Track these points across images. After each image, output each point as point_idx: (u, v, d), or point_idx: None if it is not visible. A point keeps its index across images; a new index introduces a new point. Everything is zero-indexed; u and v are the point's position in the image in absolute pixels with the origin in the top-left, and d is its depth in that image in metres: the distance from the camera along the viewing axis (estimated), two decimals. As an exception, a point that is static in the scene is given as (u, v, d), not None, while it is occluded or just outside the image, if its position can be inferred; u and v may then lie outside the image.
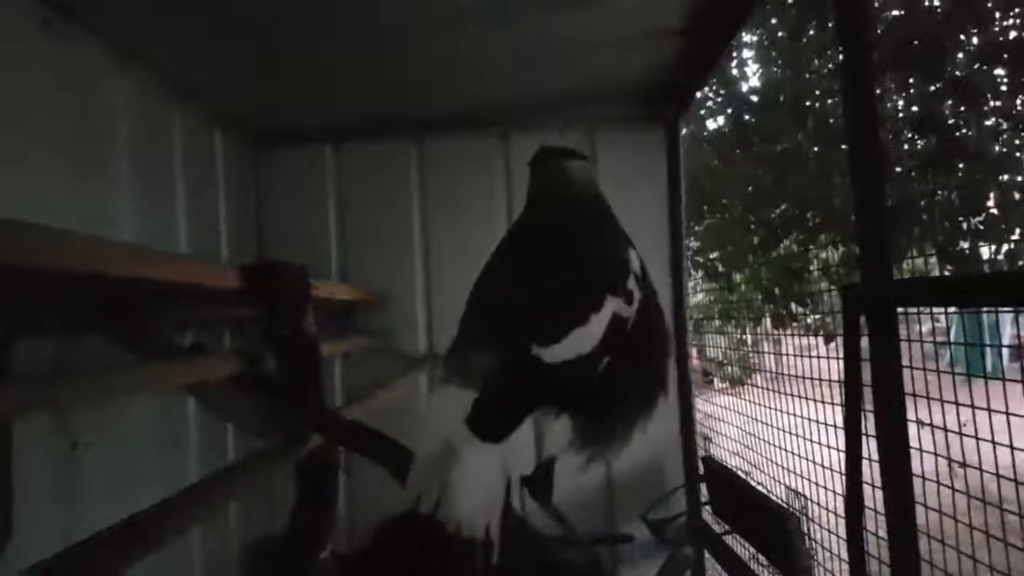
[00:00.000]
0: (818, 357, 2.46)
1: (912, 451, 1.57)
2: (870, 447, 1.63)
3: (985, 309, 1.79)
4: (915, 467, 1.60)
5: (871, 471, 1.65)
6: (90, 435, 2.00)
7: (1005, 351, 2.20)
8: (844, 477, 1.66)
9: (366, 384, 2.54)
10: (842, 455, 2.27)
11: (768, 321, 5.95)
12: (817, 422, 2.46)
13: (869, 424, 1.64)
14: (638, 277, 1.24)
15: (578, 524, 2.85)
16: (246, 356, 1.63)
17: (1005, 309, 1.75)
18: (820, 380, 2.38)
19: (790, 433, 2.63)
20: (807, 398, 2.54)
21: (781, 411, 2.62)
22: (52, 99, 1.99)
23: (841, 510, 2.17)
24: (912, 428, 1.55)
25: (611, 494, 3.30)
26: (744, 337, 4.86)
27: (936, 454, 1.51)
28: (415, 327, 3.21)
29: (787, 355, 2.77)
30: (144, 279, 1.30)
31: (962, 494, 1.55)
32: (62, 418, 1.90)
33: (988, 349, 2.08)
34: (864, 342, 1.56)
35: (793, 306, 6.01)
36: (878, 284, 1.48)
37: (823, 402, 2.42)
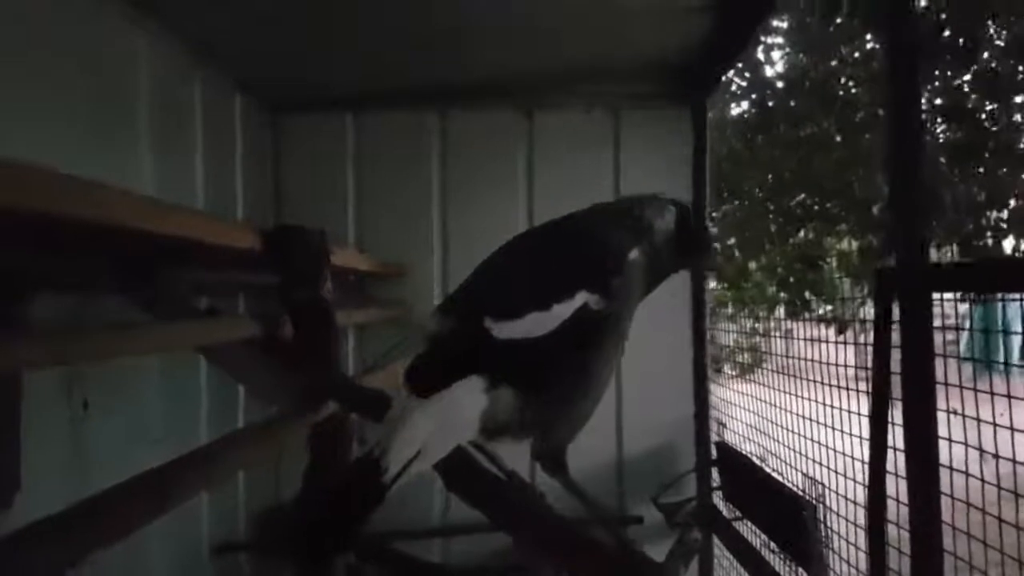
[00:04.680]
0: (842, 343, 2.42)
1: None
2: (895, 435, 1.60)
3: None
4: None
5: (895, 460, 1.61)
6: (101, 396, 1.98)
7: (1016, 347, 2.17)
8: (867, 465, 1.63)
9: (380, 355, 2.52)
10: (858, 443, 2.25)
11: (782, 310, 5.92)
12: (833, 407, 2.43)
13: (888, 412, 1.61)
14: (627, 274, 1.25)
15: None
16: (262, 320, 1.61)
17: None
18: (845, 366, 2.33)
19: (808, 419, 2.59)
20: (825, 383, 2.50)
21: (800, 396, 2.58)
22: (70, 55, 1.96)
23: (857, 498, 2.14)
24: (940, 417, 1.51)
25: (622, 475, 3.28)
26: (757, 325, 4.83)
27: (967, 444, 1.47)
28: (431, 299, 3.19)
29: (805, 340, 2.73)
30: (164, 234, 1.28)
31: (992, 486, 1.51)
32: (73, 378, 1.88)
33: (1002, 344, 2.03)
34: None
35: (807, 295, 5.97)
36: (914, 267, 1.44)
37: (840, 387, 2.38)
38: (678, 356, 3.29)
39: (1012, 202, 5.62)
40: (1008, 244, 5.60)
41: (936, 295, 1.64)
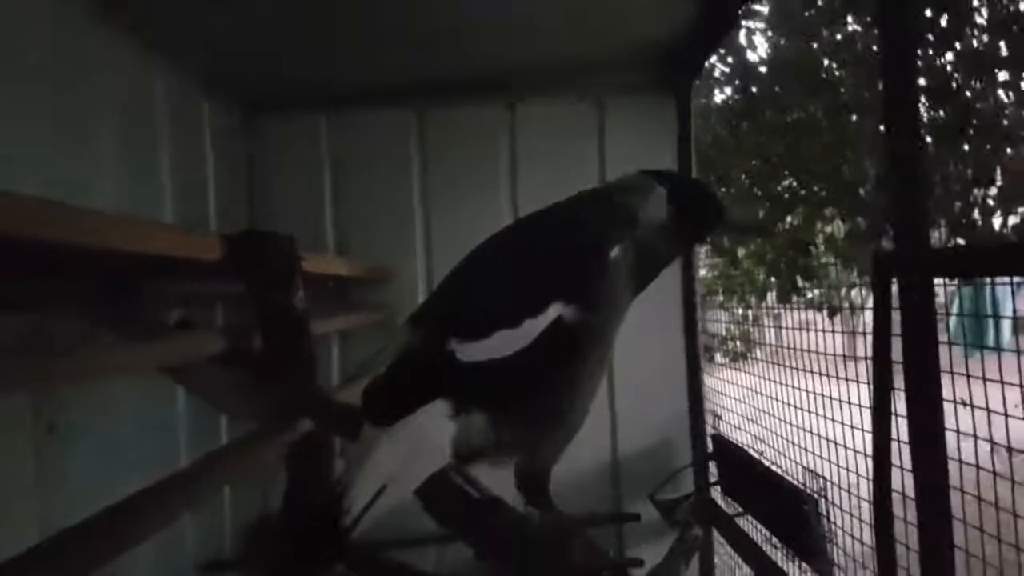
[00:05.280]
0: (839, 332, 2.35)
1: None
2: (898, 427, 1.54)
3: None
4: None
5: (900, 453, 1.55)
6: (69, 416, 1.89)
7: (1007, 327, 2.12)
8: (872, 459, 1.56)
9: (360, 365, 2.44)
10: (859, 433, 2.19)
11: (773, 296, 5.88)
12: (831, 398, 2.37)
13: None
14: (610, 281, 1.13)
15: (583, 503, 2.79)
16: (231, 334, 1.52)
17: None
18: (845, 357, 2.27)
19: (803, 409, 2.53)
20: (822, 374, 2.43)
21: (796, 388, 2.51)
22: (23, 55, 1.85)
23: (860, 491, 2.08)
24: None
25: (617, 471, 3.21)
26: (748, 312, 4.79)
27: (976, 436, 1.41)
28: (415, 304, 3.09)
29: (800, 329, 2.66)
30: (113, 249, 1.19)
31: (1006, 480, 1.45)
32: (39, 399, 1.79)
33: (990, 326, 1.98)
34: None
35: (798, 280, 5.93)
36: (915, 252, 1.37)
37: (840, 378, 2.32)
38: (670, 347, 3.22)
39: (999, 181, 5.58)
40: (996, 222, 5.56)
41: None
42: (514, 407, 1.05)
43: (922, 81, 5.74)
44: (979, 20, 5.80)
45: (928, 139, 5.37)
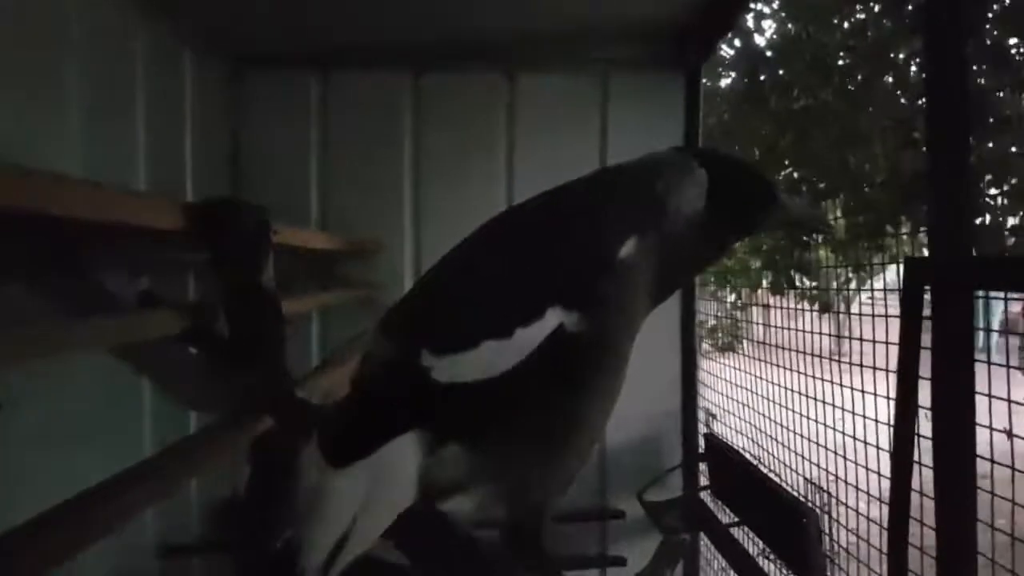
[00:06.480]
0: (855, 338, 2.23)
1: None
2: (920, 449, 1.41)
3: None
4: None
5: (920, 476, 1.43)
6: (21, 389, 1.73)
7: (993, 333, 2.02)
8: (890, 482, 1.43)
9: (342, 344, 2.30)
10: (861, 437, 2.07)
11: (765, 287, 5.77)
12: (836, 407, 2.25)
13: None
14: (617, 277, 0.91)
15: (567, 497, 2.66)
16: (193, 313, 1.37)
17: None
18: (855, 364, 2.14)
19: (805, 416, 2.41)
20: (826, 380, 2.31)
21: (803, 394, 2.39)
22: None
23: (867, 509, 1.97)
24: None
25: (604, 466, 3.09)
26: (739, 303, 4.69)
27: (1014, 467, 1.28)
28: (402, 281, 2.95)
29: (811, 333, 2.53)
30: (58, 216, 1.04)
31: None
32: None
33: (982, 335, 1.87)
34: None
35: (793, 273, 5.82)
36: (955, 261, 1.23)
37: (847, 387, 2.20)
38: (665, 340, 3.09)
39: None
40: (1010, 221, 5.44)
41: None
42: (504, 440, 0.85)
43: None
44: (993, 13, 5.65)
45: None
